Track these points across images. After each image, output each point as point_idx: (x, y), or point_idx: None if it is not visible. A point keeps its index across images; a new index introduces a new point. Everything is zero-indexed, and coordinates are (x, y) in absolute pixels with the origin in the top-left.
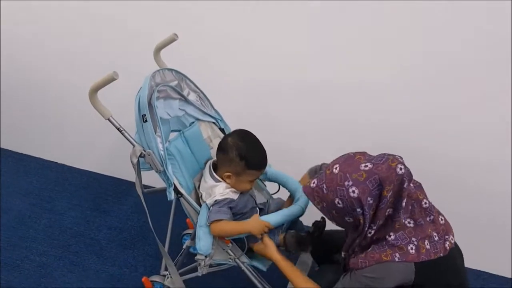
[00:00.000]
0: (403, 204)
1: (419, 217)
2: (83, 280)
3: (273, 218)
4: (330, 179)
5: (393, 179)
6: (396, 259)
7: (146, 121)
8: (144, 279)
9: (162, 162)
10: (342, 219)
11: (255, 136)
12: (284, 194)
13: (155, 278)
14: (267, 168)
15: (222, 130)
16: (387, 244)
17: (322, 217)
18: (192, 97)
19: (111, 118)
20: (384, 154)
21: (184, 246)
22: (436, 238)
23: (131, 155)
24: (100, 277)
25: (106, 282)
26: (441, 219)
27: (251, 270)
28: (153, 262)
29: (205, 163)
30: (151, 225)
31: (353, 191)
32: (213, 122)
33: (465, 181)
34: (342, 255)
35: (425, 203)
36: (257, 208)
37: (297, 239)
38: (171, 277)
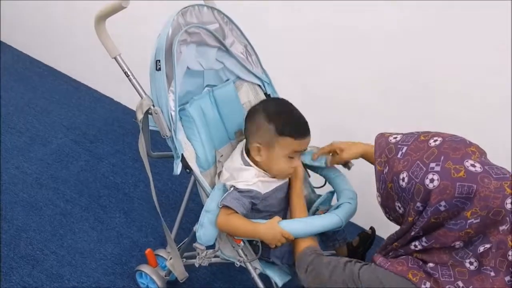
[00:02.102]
0: (481, 249)
1: (489, 264)
2: (102, 241)
3: (297, 227)
4: (417, 147)
5: (491, 206)
6: (423, 287)
7: (160, 69)
8: (148, 251)
9: (171, 126)
10: (391, 201)
11: (292, 104)
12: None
13: (160, 252)
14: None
15: (268, 96)
16: (423, 267)
17: (371, 228)
18: (236, 49)
19: (118, 58)
20: (507, 171)
21: (194, 228)
22: None
23: (137, 109)
24: (122, 242)
25: (126, 249)
26: None
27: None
28: (184, 237)
29: (236, 135)
30: (154, 198)
31: (432, 180)
32: (258, 85)
33: None
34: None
35: None
36: None
37: None
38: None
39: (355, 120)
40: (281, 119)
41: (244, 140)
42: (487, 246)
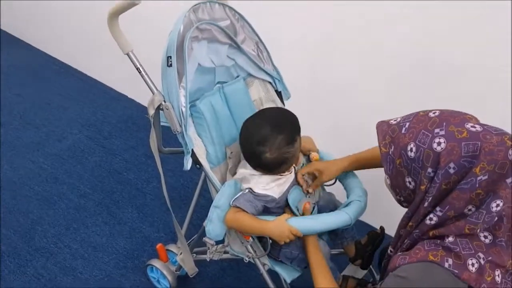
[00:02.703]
0: (494, 206)
1: (503, 236)
2: (114, 235)
3: (306, 224)
4: (419, 120)
5: (497, 159)
6: (446, 265)
7: (171, 65)
8: (159, 246)
9: (181, 121)
10: (401, 178)
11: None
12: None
13: (171, 247)
14: (322, 153)
15: (278, 93)
16: (441, 244)
17: (381, 228)
18: (248, 45)
19: (130, 54)
20: (503, 130)
21: (204, 224)
22: None
23: (148, 105)
24: (134, 237)
25: (137, 244)
26: None
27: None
28: (195, 232)
29: None
30: (165, 193)
31: (439, 143)
32: (269, 82)
33: None
34: (388, 252)
35: None
36: None
37: None
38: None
39: (366, 116)
40: (288, 129)
41: None
42: (499, 202)
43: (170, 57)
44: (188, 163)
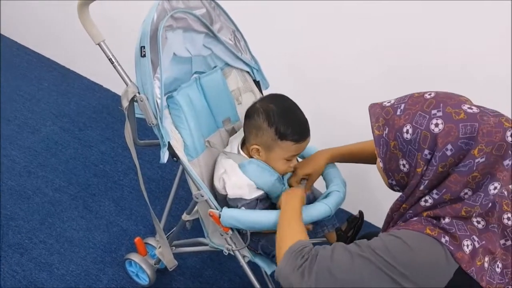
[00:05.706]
0: (491, 188)
1: (495, 223)
2: (91, 229)
3: None
4: (414, 101)
5: (494, 141)
6: (443, 240)
7: (144, 55)
8: (137, 239)
9: (156, 114)
10: (394, 161)
11: (292, 101)
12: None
13: (150, 240)
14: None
15: (257, 83)
16: (437, 225)
17: (359, 212)
18: (224, 34)
19: (102, 44)
20: (499, 112)
21: (183, 217)
22: (498, 270)
23: (122, 96)
24: (111, 231)
25: (115, 238)
26: None
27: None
28: (174, 225)
29: (225, 122)
30: (142, 187)
31: (436, 124)
32: (247, 72)
33: None
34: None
35: (509, 218)
36: None
37: None
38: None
39: (351, 105)
40: (282, 122)
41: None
42: (496, 184)
43: (144, 47)
44: (164, 156)
